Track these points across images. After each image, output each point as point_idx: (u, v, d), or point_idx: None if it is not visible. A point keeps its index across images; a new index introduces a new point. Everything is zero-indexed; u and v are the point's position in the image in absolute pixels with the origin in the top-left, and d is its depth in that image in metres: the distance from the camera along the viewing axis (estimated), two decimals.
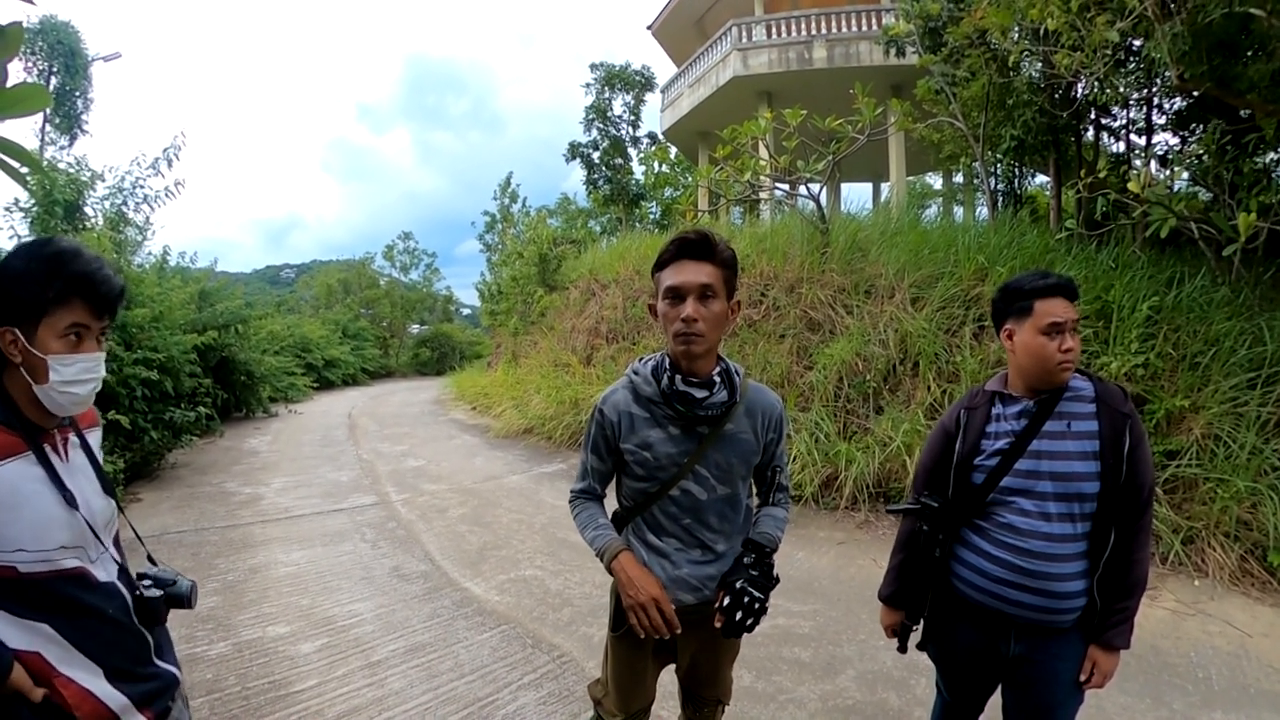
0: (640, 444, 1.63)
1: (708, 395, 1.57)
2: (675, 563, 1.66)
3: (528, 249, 15.10)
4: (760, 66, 14.41)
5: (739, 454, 1.64)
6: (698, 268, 1.50)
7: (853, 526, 5.13)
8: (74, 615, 1.24)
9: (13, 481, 1.18)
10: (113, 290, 1.29)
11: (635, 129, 20.91)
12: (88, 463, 1.37)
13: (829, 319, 6.91)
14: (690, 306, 1.49)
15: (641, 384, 1.65)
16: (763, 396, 1.70)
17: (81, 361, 1.24)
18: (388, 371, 25.30)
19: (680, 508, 1.64)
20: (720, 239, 1.54)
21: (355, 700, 2.94)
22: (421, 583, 4.35)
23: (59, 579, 1.22)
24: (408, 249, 31.79)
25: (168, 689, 1.39)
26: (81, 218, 8.80)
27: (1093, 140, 7.87)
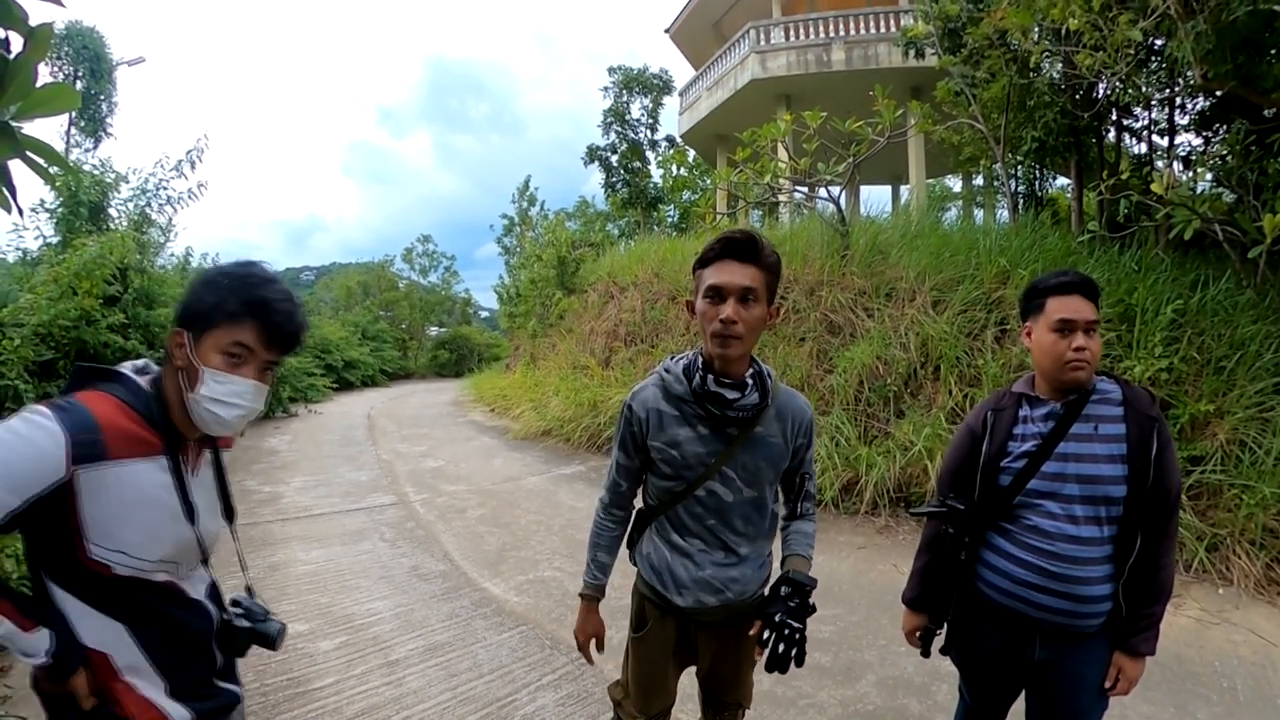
0: (668, 442, 1.62)
1: (739, 397, 1.55)
2: (699, 564, 1.65)
3: (546, 252, 15.16)
4: (778, 69, 14.35)
5: (767, 457, 1.63)
6: (741, 269, 1.48)
7: (873, 531, 5.09)
8: (152, 625, 1.23)
9: (138, 481, 1.17)
10: (287, 323, 1.25)
11: (653, 132, 20.99)
12: (214, 481, 1.38)
13: (849, 322, 6.87)
14: (730, 308, 1.47)
15: (673, 382, 1.63)
16: (793, 401, 1.68)
17: (234, 384, 1.21)
18: (406, 373, 25.48)
19: (705, 508, 1.63)
20: (766, 242, 1.52)
21: (374, 699, 2.97)
22: (440, 582, 4.38)
23: (147, 588, 1.21)
24: (427, 252, 32.06)
25: (227, 709, 1.38)
26: (105, 218, 8.96)
27: (1115, 141, 7.77)
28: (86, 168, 9.15)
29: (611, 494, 1.79)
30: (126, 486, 1.15)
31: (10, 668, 3.35)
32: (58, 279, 5.92)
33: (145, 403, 1.22)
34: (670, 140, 20.98)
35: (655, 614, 1.76)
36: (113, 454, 1.13)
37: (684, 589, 1.66)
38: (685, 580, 1.66)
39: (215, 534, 1.36)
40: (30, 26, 1.41)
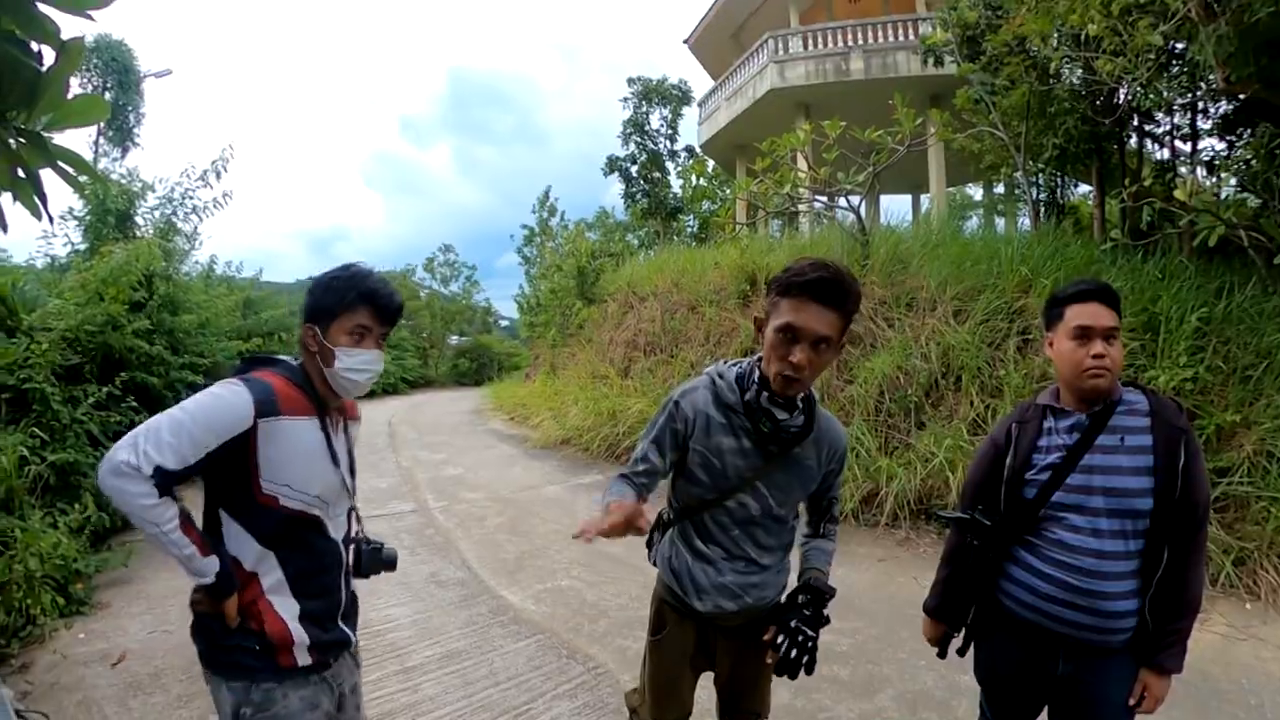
0: (712, 449, 1.61)
1: (788, 418, 1.57)
2: (719, 570, 1.67)
3: (566, 262, 15.24)
4: (797, 78, 14.32)
5: (800, 479, 1.67)
6: (822, 314, 1.42)
7: (893, 544, 5.04)
8: (298, 554, 1.53)
9: (300, 433, 1.51)
10: (392, 303, 1.62)
11: (673, 142, 21.06)
12: (345, 442, 1.71)
13: (870, 332, 6.82)
14: (801, 353, 1.43)
15: (725, 389, 1.62)
16: (832, 428, 1.70)
17: (362, 355, 1.57)
18: (427, 381, 25.64)
19: (732, 519, 1.65)
20: (853, 283, 1.46)
21: (389, 705, 2.98)
22: (458, 590, 4.40)
23: (303, 520, 1.53)
24: (448, 261, 32.32)
25: (338, 644, 1.63)
26: (132, 226, 9.16)
27: (1136, 147, 7.69)
28: (114, 177, 9.37)
29: (624, 474, 1.65)
30: (292, 436, 1.49)
31: (33, 664, 3.44)
32: (85, 285, 6.05)
33: (301, 378, 1.58)
34: (689, 150, 21.03)
35: (674, 618, 1.77)
36: (284, 411, 1.48)
37: (704, 594, 1.67)
38: (705, 585, 1.67)
39: (355, 486, 1.71)
40: (62, 40, 1.46)
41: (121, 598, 4.32)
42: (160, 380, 6.52)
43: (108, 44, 17.12)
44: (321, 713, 1.55)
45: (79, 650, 3.57)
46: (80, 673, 3.37)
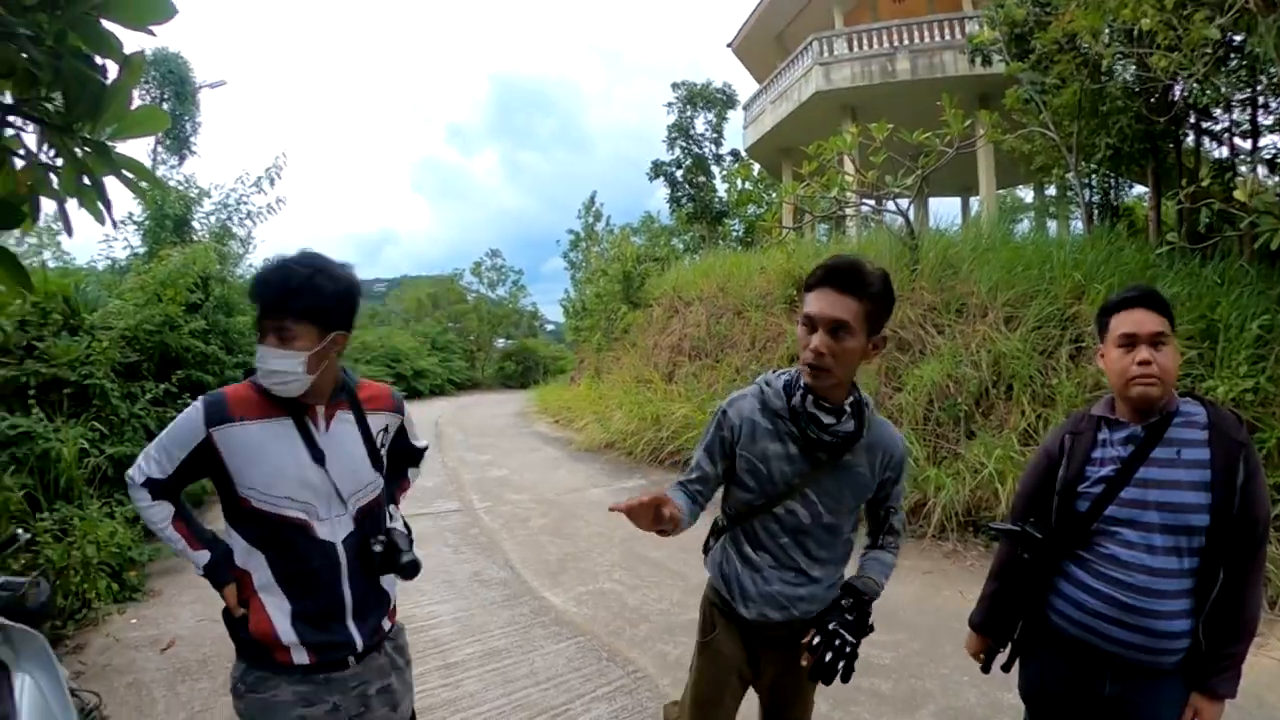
0: (758, 455, 1.61)
1: (835, 422, 1.54)
2: (767, 579, 1.65)
3: (612, 266, 15.32)
4: (843, 80, 14.14)
5: (852, 486, 1.63)
6: (837, 300, 1.44)
7: (940, 556, 4.93)
8: (283, 555, 1.54)
9: (258, 437, 1.50)
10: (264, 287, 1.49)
11: (718, 146, 21.00)
12: (358, 436, 1.64)
13: (919, 338, 6.70)
14: (818, 340, 1.45)
15: (771, 396, 1.62)
16: (886, 433, 1.67)
17: (260, 352, 1.49)
18: (474, 383, 26.10)
19: (782, 527, 1.63)
20: (873, 270, 1.47)
21: (430, 699, 3.04)
22: (501, 589, 4.47)
23: (281, 522, 1.52)
24: (495, 266, 32.85)
25: (339, 646, 1.58)
26: (189, 231, 9.56)
27: (1193, 146, 7.38)
28: (172, 184, 9.79)
29: (679, 483, 1.70)
30: (251, 440, 1.50)
31: (87, 645, 3.61)
32: (144, 286, 6.35)
33: None
34: (735, 154, 20.93)
35: (722, 621, 1.76)
36: (238, 416, 1.50)
37: (750, 601, 1.66)
38: (752, 593, 1.65)
39: (362, 482, 1.62)
40: (125, 54, 1.54)
41: (173, 586, 4.51)
42: (215, 379, 6.81)
43: (165, 57, 17.83)
44: (322, 710, 1.56)
45: (131, 635, 3.74)
46: (131, 656, 3.52)
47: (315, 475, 1.54)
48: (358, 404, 1.66)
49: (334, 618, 1.58)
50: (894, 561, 1.77)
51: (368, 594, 1.64)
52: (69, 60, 1.49)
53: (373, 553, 1.63)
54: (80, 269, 8.43)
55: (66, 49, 1.49)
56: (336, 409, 1.62)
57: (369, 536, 1.63)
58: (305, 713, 1.55)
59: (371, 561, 1.62)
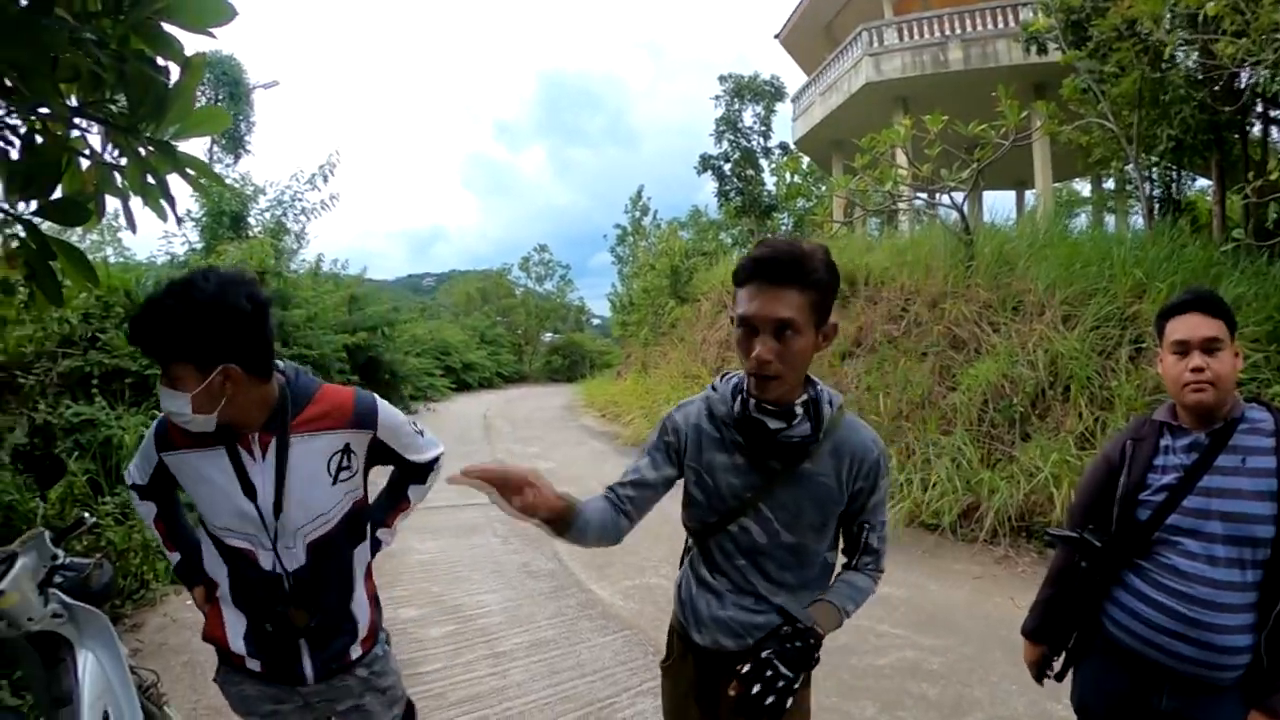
0: (705, 466, 1.44)
1: (784, 427, 1.34)
2: (723, 603, 1.47)
3: (659, 261, 15.35)
4: (893, 71, 13.82)
5: (813, 499, 1.39)
6: (778, 296, 1.22)
7: (991, 561, 4.83)
8: (236, 579, 1.52)
9: (195, 466, 1.47)
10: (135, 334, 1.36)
11: (766, 139, 20.74)
12: (310, 461, 1.48)
13: (974, 337, 6.55)
14: (762, 345, 1.24)
15: (718, 401, 1.44)
16: (856, 436, 1.42)
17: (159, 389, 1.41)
18: (521, 376, 26.47)
19: (737, 546, 1.44)
20: (813, 251, 1.25)
21: (478, 687, 3.12)
22: (549, 581, 4.54)
23: (229, 550, 1.50)
24: (543, 261, 33.23)
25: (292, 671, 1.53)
26: (245, 227, 9.93)
27: (1261, 137, 6.99)
28: (228, 182, 10.18)
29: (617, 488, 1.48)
30: (190, 468, 1.48)
31: (144, 624, 3.78)
32: None
33: None
34: (784, 147, 20.68)
35: (679, 647, 1.61)
36: (177, 445, 1.48)
37: (704, 627, 1.49)
38: (705, 618, 1.48)
39: (313, 513, 1.48)
40: (186, 56, 1.60)
41: None
42: None
43: (220, 59, 18.44)
44: (293, 706, 1.58)
45: (186, 615, 3.86)
46: (187, 636, 3.64)
47: (249, 507, 1.44)
48: (285, 429, 1.47)
49: (282, 645, 1.52)
50: (869, 587, 1.50)
51: (326, 623, 1.54)
52: (133, 63, 1.54)
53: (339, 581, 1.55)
54: (141, 264, 8.77)
55: (130, 52, 1.54)
56: (268, 438, 1.46)
57: (335, 557, 1.54)
58: (277, 708, 1.58)
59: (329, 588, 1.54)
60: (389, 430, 1.61)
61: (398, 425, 1.65)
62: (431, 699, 3.01)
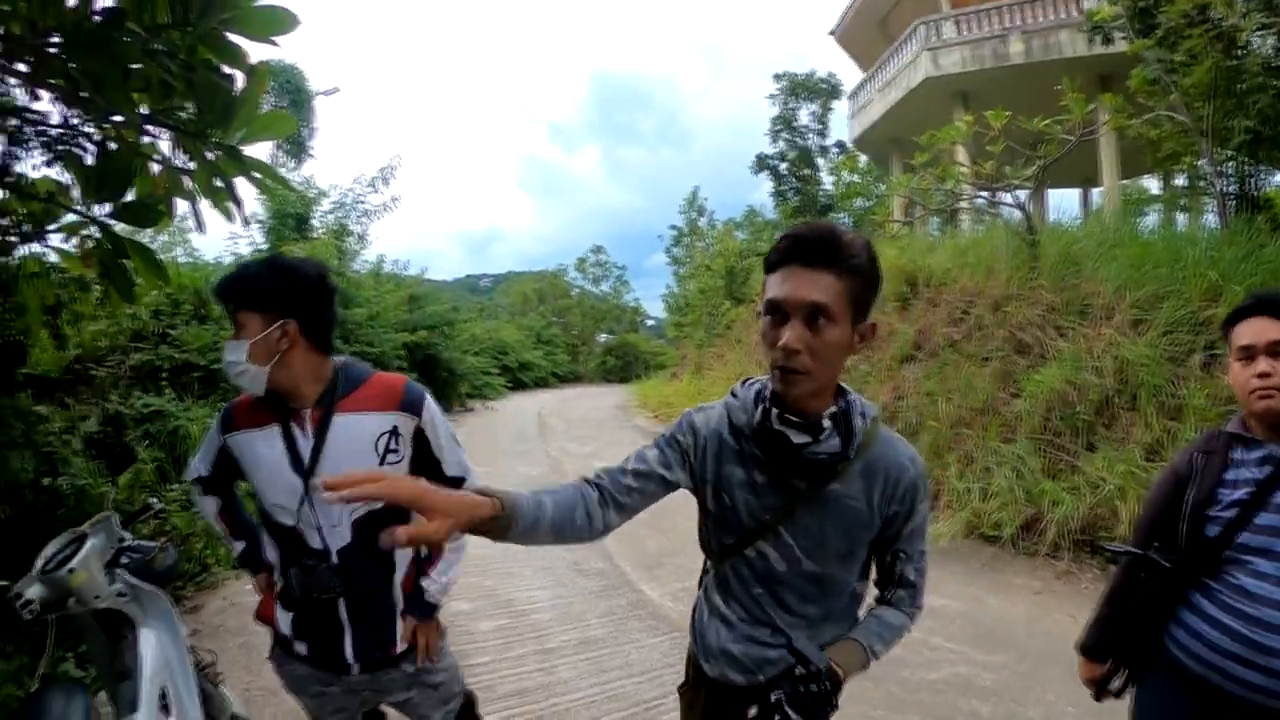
0: (720, 481, 1.29)
1: (810, 442, 1.18)
2: (735, 634, 1.34)
3: (715, 261, 15.31)
4: (953, 66, 13.45)
5: (841, 525, 1.24)
6: (812, 278, 1.09)
7: (1052, 576, 4.65)
8: (288, 558, 1.59)
9: (253, 444, 1.56)
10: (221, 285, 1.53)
11: (823, 138, 20.56)
12: (357, 439, 1.54)
13: (1038, 341, 6.31)
14: (791, 332, 1.09)
15: (738, 409, 1.28)
16: (892, 454, 1.26)
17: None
18: (576, 376, 26.76)
19: (754, 573, 1.31)
20: (852, 237, 1.13)
21: (525, 682, 3.18)
22: (599, 580, 4.60)
23: (279, 528, 1.57)
24: (598, 262, 33.58)
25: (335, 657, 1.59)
26: (308, 229, 10.34)
27: None
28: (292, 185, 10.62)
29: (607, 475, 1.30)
30: (249, 447, 1.56)
31: (203, 606, 3.98)
32: None
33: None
34: (841, 146, 20.41)
35: (693, 675, 1.49)
36: (239, 426, 1.58)
37: (712, 657, 1.37)
38: (714, 648, 1.35)
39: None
40: (250, 65, 1.69)
41: None
42: None
43: (282, 68, 19.15)
44: (340, 690, 1.64)
45: (244, 600, 3.99)
46: (244, 619, 3.71)
47: (297, 482, 1.50)
48: (332, 406, 1.54)
49: (326, 627, 1.58)
50: (903, 624, 1.35)
51: (370, 611, 1.59)
52: (201, 72, 1.64)
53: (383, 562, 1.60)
54: (208, 264, 9.18)
55: (198, 62, 1.65)
56: (318, 413, 1.54)
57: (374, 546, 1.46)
58: (325, 690, 1.65)
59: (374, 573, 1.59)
60: (433, 425, 1.64)
61: (442, 423, 1.68)
62: (481, 691, 3.06)
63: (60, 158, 2.06)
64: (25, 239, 2.27)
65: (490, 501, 1.03)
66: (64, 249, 2.29)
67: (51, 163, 2.11)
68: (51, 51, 1.67)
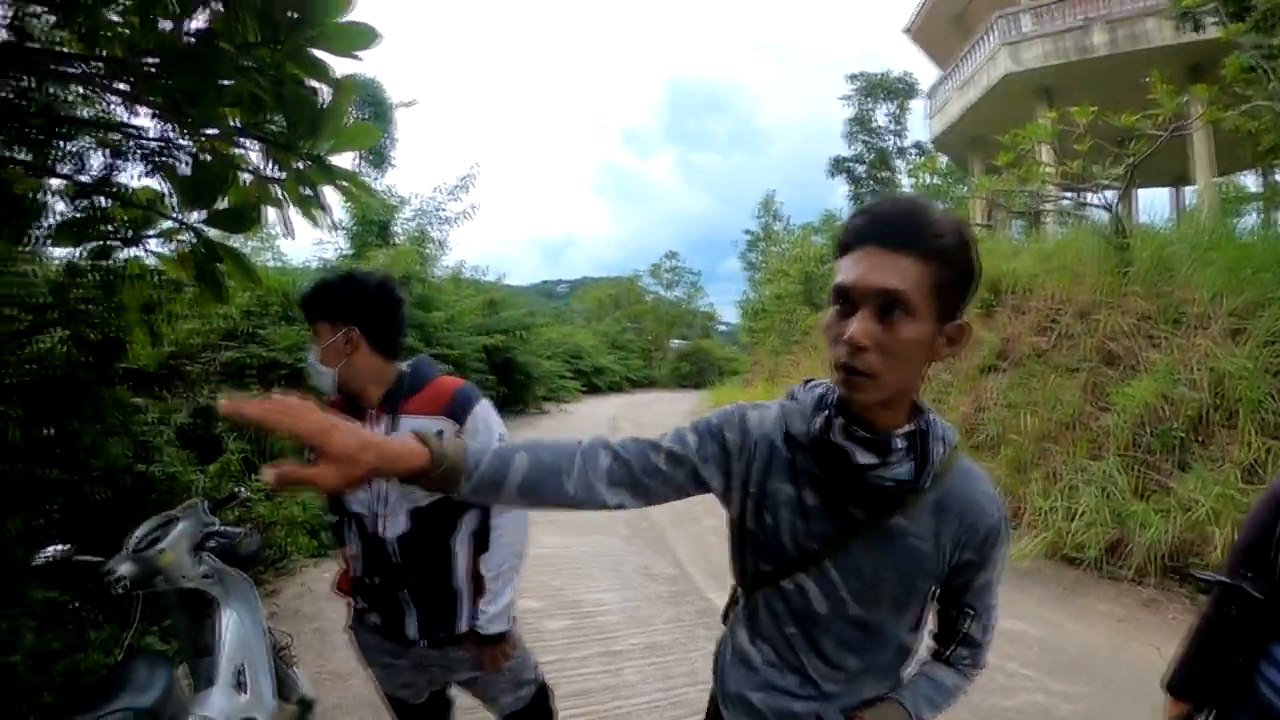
0: (768, 495, 1.08)
1: (876, 463, 0.98)
2: (756, 680, 1.14)
3: (792, 267, 15.15)
4: (1033, 60, 12.92)
5: (900, 567, 1.04)
6: (888, 262, 0.89)
7: (1137, 603, 4.42)
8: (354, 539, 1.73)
9: None
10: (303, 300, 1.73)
11: (900, 139, 20.07)
12: None
13: (1129, 352, 6.00)
14: (859, 325, 0.90)
15: (796, 415, 1.07)
16: (971, 490, 1.06)
17: None
18: (649, 381, 26.97)
19: (789, 609, 1.09)
20: (942, 216, 0.92)
21: (590, 683, 3.22)
22: (668, 585, 4.63)
23: (348, 513, 1.71)
24: (672, 268, 33.73)
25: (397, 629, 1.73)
26: (390, 235, 10.81)
27: None
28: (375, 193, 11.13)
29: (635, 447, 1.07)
30: None
31: (281, 591, 4.19)
32: None
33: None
34: (919, 147, 19.86)
35: (713, 713, 1.29)
36: None
37: (730, 702, 1.17)
38: (733, 691, 1.16)
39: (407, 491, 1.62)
40: (335, 79, 1.79)
41: None
42: None
43: (362, 82, 20.03)
44: (408, 663, 1.78)
45: (320, 586, 4.21)
46: (319, 605, 3.98)
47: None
48: (396, 408, 1.68)
49: (390, 606, 1.73)
50: (959, 686, 1.16)
51: (431, 592, 1.71)
52: (290, 87, 1.74)
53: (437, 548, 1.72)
54: (295, 268, 9.58)
55: (286, 77, 1.74)
56: (381, 413, 1.68)
57: (431, 535, 1.69)
58: (394, 661, 1.78)
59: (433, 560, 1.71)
60: (474, 432, 1.67)
61: (487, 430, 1.69)
62: None
63: (158, 169, 2.19)
64: (126, 243, 2.38)
65: (420, 451, 0.88)
66: (161, 253, 2.41)
67: (150, 173, 2.24)
68: (150, 71, 1.78)
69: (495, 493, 0.96)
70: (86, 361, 2.86)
